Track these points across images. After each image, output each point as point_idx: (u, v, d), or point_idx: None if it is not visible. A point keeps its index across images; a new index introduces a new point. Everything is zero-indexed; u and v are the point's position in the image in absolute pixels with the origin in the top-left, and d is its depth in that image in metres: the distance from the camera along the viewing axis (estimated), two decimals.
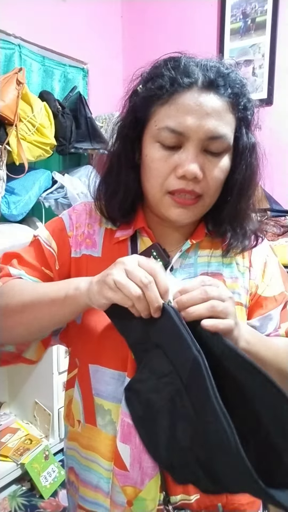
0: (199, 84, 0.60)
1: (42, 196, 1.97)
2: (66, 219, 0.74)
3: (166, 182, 0.63)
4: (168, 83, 0.60)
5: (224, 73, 0.61)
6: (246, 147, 0.65)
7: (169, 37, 2.40)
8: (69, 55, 2.21)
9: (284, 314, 0.71)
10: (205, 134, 0.60)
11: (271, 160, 1.97)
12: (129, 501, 0.64)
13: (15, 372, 2.12)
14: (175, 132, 0.60)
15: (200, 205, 0.65)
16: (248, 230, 0.70)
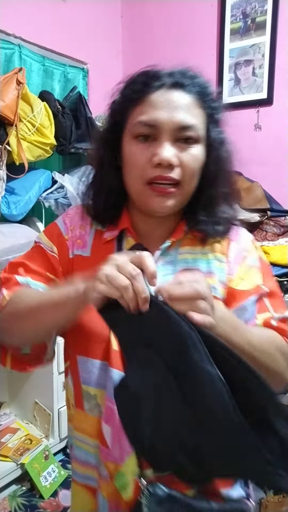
0: (167, 84, 0.68)
1: (42, 196, 1.97)
2: (61, 224, 0.81)
3: (144, 172, 0.67)
4: (140, 86, 0.68)
5: (189, 74, 0.70)
6: (215, 140, 0.71)
7: (169, 37, 2.40)
8: (69, 55, 2.21)
9: (261, 305, 0.74)
10: (176, 125, 0.66)
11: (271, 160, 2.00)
12: (111, 475, 0.71)
13: (15, 372, 2.12)
14: (148, 125, 0.66)
15: (179, 193, 0.69)
16: (221, 217, 0.74)
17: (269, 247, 1.83)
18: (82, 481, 0.79)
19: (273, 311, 0.74)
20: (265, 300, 0.75)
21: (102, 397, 0.72)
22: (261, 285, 0.74)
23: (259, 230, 1.93)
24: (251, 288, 0.74)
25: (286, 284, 1.75)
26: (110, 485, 0.72)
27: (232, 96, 2.22)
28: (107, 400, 0.71)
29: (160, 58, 2.59)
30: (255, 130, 2.17)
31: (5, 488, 1.83)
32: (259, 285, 0.74)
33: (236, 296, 0.73)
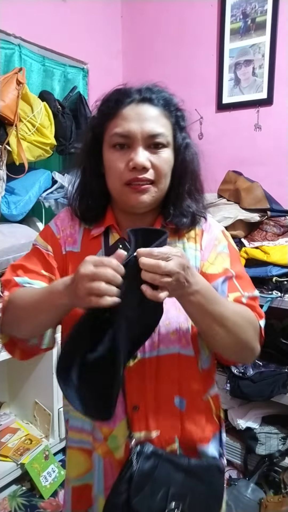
0: (136, 100, 0.79)
1: (42, 196, 1.97)
2: (53, 226, 0.93)
3: (123, 175, 0.79)
4: (113, 103, 0.80)
5: (155, 90, 0.81)
6: (181, 145, 0.83)
7: (169, 37, 2.40)
8: (69, 55, 2.21)
9: (231, 285, 0.84)
10: (146, 134, 0.77)
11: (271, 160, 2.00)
12: (105, 437, 0.84)
13: (15, 372, 2.12)
14: (123, 136, 0.78)
15: (153, 190, 0.80)
16: (186, 211, 0.85)
17: (269, 247, 1.83)
18: (78, 445, 0.90)
19: (242, 291, 0.84)
20: (234, 281, 0.85)
21: None
22: (229, 268, 0.85)
23: (259, 230, 1.93)
24: (220, 272, 0.84)
25: (286, 284, 1.75)
26: (104, 446, 0.84)
27: (232, 96, 2.22)
28: None
29: (160, 58, 2.61)
30: (255, 130, 2.17)
31: (5, 488, 1.83)
32: (227, 268, 0.85)
33: (207, 278, 0.81)
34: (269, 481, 1.83)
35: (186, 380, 0.84)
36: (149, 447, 0.80)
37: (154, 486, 0.78)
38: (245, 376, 1.82)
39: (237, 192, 2.01)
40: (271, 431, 1.86)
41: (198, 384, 0.86)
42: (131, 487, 0.77)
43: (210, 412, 0.90)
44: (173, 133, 0.82)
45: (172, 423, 0.83)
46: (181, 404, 0.84)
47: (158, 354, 0.82)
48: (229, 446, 2.00)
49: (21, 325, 0.82)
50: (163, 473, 0.80)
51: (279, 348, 1.92)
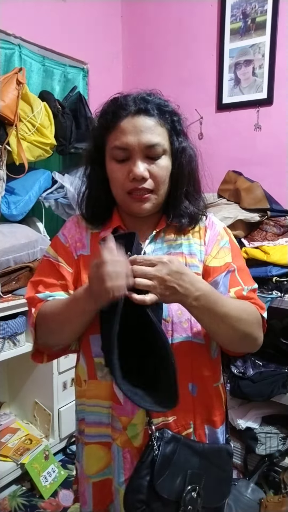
0: (132, 112, 0.82)
1: (42, 196, 1.97)
2: (61, 236, 0.98)
3: (124, 186, 0.84)
4: (111, 116, 0.84)
5: (149, 99, 0.84)
6: (178, 150, 0.87)
7: (169, 37, 2.41)
8: (69, 55, 2.21)
9: (233, 279, 0.89)
10: (143, 145, 0.81)
11: (271, 160, 2.01)
12: (124, 426, 0.88)
13: (15, 372, 2.12)
14: (121, 149, 0.82)
15: (153, 198, 0.86)
16: (184, 212, 0.90)
17: (269, 247, 1.83)
18: (96, 440, 0.92)
19: (243, 283, 0.90)
20: (236, 274, 0.90)
21: None
22: (231, 262, 0.90)
23: (259, 230, 1.93)
24: (222, 265, 0.89)
25: (286, 284, 1.75)
26: (123, 435, 0.88)
27: (232, 96, 2.22)
28: None
29: (160, 58, 2.61)
30: (255, 130, 2.17)
31: (5, 488, 1.83)
32: (229, 262, 0.90)
33: (210, 272, 0.89)
34: (269, 481, 1.82)
35: (198, 367, 0.89)
36: (168, 433, 0.85)
37: (174, 469, 0.83)
38: (245, 376, 1.82)
39: (237, 192, 2.01)
40: (271, 431, 1.86)
41: (209, 371, 0.91)
42: (154, 471, 0.82)
43: (220, 398, 0.95)
44: (169, 139, 0.86)
45: (186, 408, 0.88)
46: (193, 390, 0.89)
47: (172, 341, 0.86)
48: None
49: (55, 336, 0.90)
50: (182, 457, 0.85)
51: (279, 348, 1.92)
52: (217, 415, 0.93)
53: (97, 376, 0.91)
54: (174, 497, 0.82)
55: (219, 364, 0.95)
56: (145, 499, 0.82)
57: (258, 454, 1.84)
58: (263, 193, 1.97)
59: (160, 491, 0.81)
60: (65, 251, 0.95)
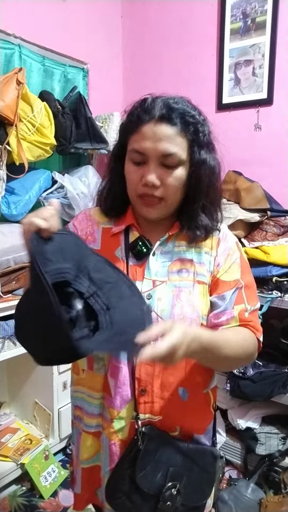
0: (155, 118, 0.82)
1: (42, 196, 1.97)
2: (71, 226, 1.00)
3: (136, 188, 0.86)
4: (135, 118, 0.84)
5: (175, 108, 0.83)
6: (197, 162, 0.85)
7: (169, 37, 2.40)
8: (69, 55, 2.21)
9: (238, 297, 0.90)
10: (160, 153, 0.82)
11: (271, 160, 2.00)
12: (111, 418, 0.91)
13: (15, 372, 2.12)
14: (139, 152, 0.83)
15: (162, 206, 0.87)
16: (199, 225, 0.90)
17: (269, 247, 1.83)
18: (90, 430, 0.96)
19: (247, 303, 0.91)
20: (243, 291, 0.91)
21: (108, 358, 0.91)
22: (239, 279, 0.92)
23: (259, 230, 1.93)
24: (231, 280, 0.91)
25: (286, 284, 1.75)
26: (110, 427, 0.91)
27: (232, 96, 2.22)
28: (112, 359, 0.90)
29: (160, 58, 2.60)
30: (255, 130, 2.17)
31: (5, 488, 1.83)
32: (238, 279, 0.91)
33: (219, 285, 0.91)
34: (269, 481, 1.83)
35: (191, 372, 0.90)
36: (154, 429, 0.88)
37: (156, 465, 0.86)
38: (245, 376, 1.82)
39: (237, 192, 2.01)
40: (271, 431, 1.86)
41: (201, 377, 0.92)
42: (136, 465, 0.85)
43: (209, 404, 0.96)
44: (189, 150, 0.85)
45: (175, 412, 0.90)
46: (184, 395, 0.90)
47: None
48: (229, 446, 2.00)
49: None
50: (164, 454, 0.87)
51: (279, 348, 1.92)
52: (204, 421, 0.95)
53: (94, 367, 0.94)
54: (154, 492, 0.85)
55: (211, 370, 0.96)
56: (125, 490, 0.86)
57: (258, 454, 1.84)
58: (263, 193, 1.97)
59: (140, 484, 0.84)
60: None
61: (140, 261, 0.91)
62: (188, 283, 0.89)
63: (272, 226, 1.91)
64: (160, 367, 0.88)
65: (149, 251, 0.90)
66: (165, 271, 0.89)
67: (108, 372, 0.92)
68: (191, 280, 0.89)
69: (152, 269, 0.89)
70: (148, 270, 0.90)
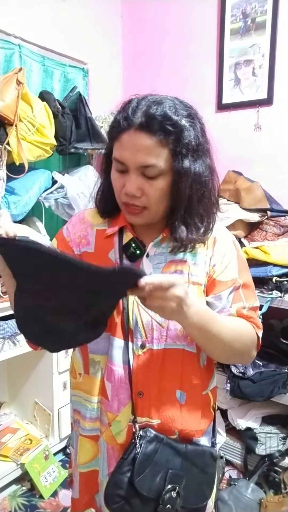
0: (135, 126, 0.77)
1: (42, 196, 1.97)
2: (65, 230, 1.00)
3: (120, 196, 0.84)
4: (117, 125, 0.81)
5: (155, 115, 0.77)
6: (178, 172, 0.80)
7: (169, 37, 2.40)
8: (69, 55, 2.21)
9: (236, 296, 0.89)
10: (138, 164, 0.79)
11: (271, 160, 2.00)
12: (109, 422, 0.90)
13: (15, 372, 2.12)
14: (119, 162, 0.81)
15: (145, 214, 0.84)
16: (177, 237, 0.86)
17: (269, 247, 1.83)
18: (88, 433, 0.96)
19: (245, 301, 0.90)
20: (240, 291, 0.90)
21: (104, 361, 0.91)
22: (237, 278, 0.90)
23: (259, 230, 1.93)
24: (228, 280, 0.89)
25: (286, 284, 1.75)
26: (108, 431, 0.91)
27: (232, 96, 2.22)
28: (108, 362, 0.90)
29: (160, 58, 2.60)
30: (255, 130, 2.17)
31: (5, 488, 1.83)
32: (235, 278, 0.90)
33: (216, 285, 0.89)
34: (269, 481, 1.83)
35: (188, 375, 0.90)
36: (151, 432, 0.87)
37: (154, 468, 0.85)
38: (245, 376, 1.82)
39: (237, 192, 2.01)
40: (271, 431, 1.86)
41: (199, 379, 0.91)
42: (134, 468, 0.84)
43: (208, 406, 0.95)
44: (171, 159, 0.79)
45: (173, 415, 0.89)
46: (181, 398, 0.90)
47: (165, 347, 0.87)
48: (229, 446, 2.00)
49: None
50: (163, 457, 0.86)
51: (279, 348, 1.92)
52: (202, 423, 0.94)
53: (89, 371, 0.94)
54: (153, 495, 0.84)
55: (209, 372, 0.95)
56: (124, 494, 0.85)
57: (258, 454, 1.84)
58: (263, 193, 1.97)
59: (139, 487, 0.83)
60: (65, 245, 0.97)
61: (133, 263, 0.90)
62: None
63: (272, 226, 1.91)
64: (157, 370, 0.87)
65: (142, 253, 0.89)
66: (158, 272, 0.88)
67: (104, 376, 0.91)
68: (185, 281, 0.87)
69: (146, 271, 0.84)
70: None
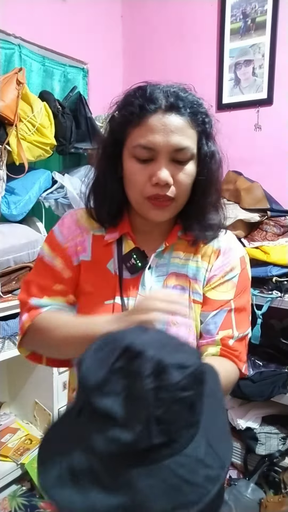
0: (162, 108, 0.72)
1: (42, 196, 1.97)
2: (58, 234, 0.88)
3: (144, 189, 0.75)
4: (137, 109, 0.73)
5: (182, 96, 0.74)
6: (206, 154, 0.78)
7: (169, 37, 2.40)
8: (69, 55, 2.21)
9: (226, 321, 0.82)
10: (172, 148, 0.72)
11: (271, 160, 1.98)
12: None
13: (15, 372, 2.12)
14: (147, 148, 0.73)
15: (173, 206, 0.78)
16: (209, 224, 0.83)
17: (269, 247, 1.83)
18: None
19: (235, 328, 0.83)
20: (232, 315, 0.83)
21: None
22: (231, 300, 0.83)
23: (259, 230, 1.93)
24: (217, 299, 0.83)
25: (286, 284, 1.75)
26: None
27: (232, 96, 2.22)
28: None
29: (160, 58, 2.59)
30: (255, 130, 2.17)
31: (5, 488, 1.83)
32: (228, 300, 0.83)
33: (205, 302, 0.83)
34: (269, 481, 1.83)
35: None
36: None
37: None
38: (245, 376, 1.82)
39: (237, 192, 2.01)
40: (271, 431, 1.86)
41: None
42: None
43: None
44: (198, 143, 0.77)
45: None
46: None
47: None
48: None
49: (52, 351, 0.84)
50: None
51: (279, 348, 1.92)
52: None
53: None
54: None
55: None
56: None
57: (258, 454, 1.84)
58: (263, 193, 1.97)
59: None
60: (62, 253, 0.86)
61: (134, 274, 0.83)
62: (184, 302, 0.81)
63: (272, 226, 1.91)
64: None
65: (144, 265, 0.82)
66: (159, 286, 0.83)
67: None
68: (186, 299, 0.82)
69: (146, 285, 0.82)
70: (142, 286, 0.82)
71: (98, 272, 0.85)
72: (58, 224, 0.90)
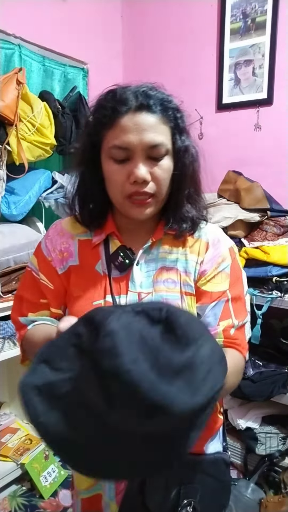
0: (133, 108, 0.74)
1: (42, 196, 1.97)
2: (44, 247, 0.91)
3: (123, 188, 0.77)
4: (110, 111, 0.75)
5: (151, 94, 0.76)
6: (180, 149, 0.79)
7: (169, 37, 2.40)
8: (69, 55, 2.21)
9: (225, 311, 0.83)
10: (146, 145, 0.74)
11: (271, 160, 1.99)
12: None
13: (15, 372, 2.12)
14: (122, 148, 0.74)
15: (154, 202, 0.79)
16: (185, 217, 0.84)
17: (269, 247, 1.83)
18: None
19: (234, 317, 0.84)
20: (230, 305, 0.84)
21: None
22: (227, 291, 0.84)
23: (259, 230, 1.93)
24: (213, 291, 0.84)
25: (286, 284, 1.75)
26: None
27: (232, 96, 2.22)
28: None
29: (160, 58, 2.60)
30: (255, 130, 2.17)
31: (5, 488, 1.83)
32: (224, 291, 0.84)
33: (201, 295, 0.84)
34: (269, 481, 1.83)
35: None
36: None
37: (166, 485, 0.80)
38: (245, 376, 1.82)
39: (237, 192, 2.01)
40: (271, 431, 1.86)
41: None
42: (145, 489, 0.78)
43: (216, 411, 0.92)
44: (172, 138, 0.78)
45: None
46: None
47: None
48: (229, 446, 1.99)
49: None
50: (174, 472, 0.80)
51: (279, 348, 1.92)
52: (212, 430, 0.90)
53: None
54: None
55: None
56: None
57: (258, 454, 1.84)
58: (263, 193, 1.97)
59: (153, 509, 0.78)
60: (46, 266, 0.89)
61: (123, 272, 0.84)
62: (176, 295, 0.83)
63: (272, 226, 1.91)
64: None
65: (132, 262, 0.83)
66: (149, 281, 0.83)
67: None
68: (178, 291, 0.83)
69: (136, 281, 0.83)
70: (132, 282, 0.83)
71: (87, 275, 0.86)
72: (44, 236, 0.93)
